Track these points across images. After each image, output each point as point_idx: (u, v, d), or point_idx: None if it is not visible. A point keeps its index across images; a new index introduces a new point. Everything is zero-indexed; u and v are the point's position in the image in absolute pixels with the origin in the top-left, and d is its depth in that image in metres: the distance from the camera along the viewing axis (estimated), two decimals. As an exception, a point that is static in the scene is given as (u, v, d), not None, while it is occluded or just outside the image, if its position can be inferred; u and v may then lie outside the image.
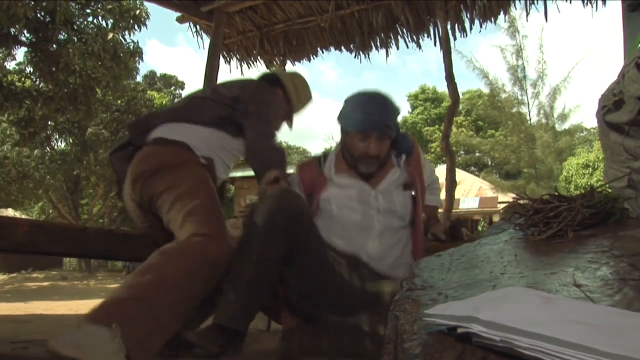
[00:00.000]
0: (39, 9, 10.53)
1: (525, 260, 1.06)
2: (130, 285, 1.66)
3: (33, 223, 2.42)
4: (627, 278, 0.84)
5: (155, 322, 1.58)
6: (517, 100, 15.64)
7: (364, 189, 2.21)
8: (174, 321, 1.66)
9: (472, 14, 4.51)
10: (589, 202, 1.33)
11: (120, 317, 1.50)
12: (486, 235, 1.38)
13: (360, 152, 2.20)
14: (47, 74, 11.43)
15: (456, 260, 1.12)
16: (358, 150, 2.20)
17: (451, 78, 4.48)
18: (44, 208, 27.41)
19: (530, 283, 0.88)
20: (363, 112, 2.18)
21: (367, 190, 2.21)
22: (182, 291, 1.68)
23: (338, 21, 4.90)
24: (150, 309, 1.58)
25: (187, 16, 5.01)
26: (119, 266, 25.43)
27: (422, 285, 0.95)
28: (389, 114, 2.21)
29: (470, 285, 0.90)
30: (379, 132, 2.17)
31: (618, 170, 1.89)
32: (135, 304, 1.58)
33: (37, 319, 4.32)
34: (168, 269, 1.68)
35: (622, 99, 1.83)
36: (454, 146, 22.13)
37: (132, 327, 1.50)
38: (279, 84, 2.58)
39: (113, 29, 11.16)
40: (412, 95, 39.11)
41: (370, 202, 2.18)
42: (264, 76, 2.69)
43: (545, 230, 1.24)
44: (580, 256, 1.03)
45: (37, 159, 19.14)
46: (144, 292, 1.61)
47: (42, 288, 14.64)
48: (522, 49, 15.19)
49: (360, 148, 2.20)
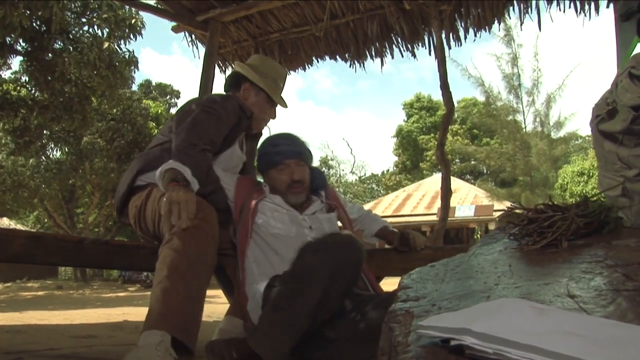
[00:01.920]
0: (34, 18, 10.53)
1: (519, 271, 1.06)
2: (156, 285, 1.82)
3: (30, 235, 2.42)
4: (620, 289, 0.85)
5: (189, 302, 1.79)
6: (513, 108, 15.67)
7: (294, 213, 2.30)
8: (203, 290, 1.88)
9: (467, 23, 4.52)
10: (583, 211, 1.33)
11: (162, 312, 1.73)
12: (480, 245, 1.38)
13: (286, 183, 2.32)
14: (43, 83, 11.44)
15: (450, 270, 1.12)
16: (284, 182, 2.32)
17: (446, 87, 4.50)
18: (39, 217, 27.35)
19: (524, 294, 0.88)
20: (276, 146, 2.36)
21: (296, 214, 2.30)
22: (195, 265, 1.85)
23: (333, 30, 4.91)
24: (179, 292, 1.78)
25: (183, 25, 5.01)
26: (114, 275, 25.37)
27: (416, 296, 0.95)
28: (301, 143, 2.40)
29: (464, 297, 0.90)
30: (296, 158, 2.34)
31: (612, 179, 1.90)
32: (169, 294, 1.77)
33: (32, 329, 4.29)
34: (174, 255, 1.84)
35: (615, 108, 1.84)
36: (449, 154, 22.19)
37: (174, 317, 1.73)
38: (244, 79, 2.67)
39: (109, 38, 11.17)
40: (408, 104, 39.24)
41: (300, 222, 2.27)
42: (227, 82, 2.78)
43: (539, 240, 1.24)
44: (575, 266, 1.03)
45: (32, 168, 19.10)
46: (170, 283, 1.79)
47: (37, 297, 14.59)
48: (518, 57, 15.24)
49: (284, 179, 2.32)
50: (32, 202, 20.93)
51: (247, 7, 4.69)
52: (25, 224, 28.86)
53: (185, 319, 1.77)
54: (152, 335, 1.68)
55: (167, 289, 1.78)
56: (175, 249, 1.85)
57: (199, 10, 4.87)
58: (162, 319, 1.72)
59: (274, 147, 2.36)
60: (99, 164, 18.91)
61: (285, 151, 2.34)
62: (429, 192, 22.86)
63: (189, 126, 2.35)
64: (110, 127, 18.46)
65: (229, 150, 2.52)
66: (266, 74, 2.70)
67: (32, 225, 28.71)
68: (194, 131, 2.33)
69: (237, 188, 2.36)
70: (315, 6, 4.72)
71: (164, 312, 1.74)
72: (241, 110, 2.56)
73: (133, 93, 20.19)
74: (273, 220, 2.25)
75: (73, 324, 5.22)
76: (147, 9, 5.00)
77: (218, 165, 2.44)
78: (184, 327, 1.75)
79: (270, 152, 2.36)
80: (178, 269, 1.82)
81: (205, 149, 2.31)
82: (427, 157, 34.56)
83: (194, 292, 1.83)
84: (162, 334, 1.68)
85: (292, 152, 2.35)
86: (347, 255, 1.78)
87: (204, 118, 2.39)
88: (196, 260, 1.87)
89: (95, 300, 12.26)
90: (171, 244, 1.87)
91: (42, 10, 9.43)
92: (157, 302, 1.76)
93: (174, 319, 1.73)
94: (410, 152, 37.37)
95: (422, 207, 21.62)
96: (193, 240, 1.89)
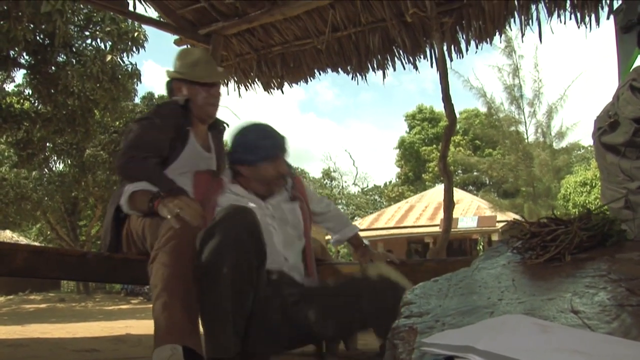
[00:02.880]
0: (38, 32, 10.62)
1: (522, 286, 1.05)
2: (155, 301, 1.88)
3: (33, 249, 2.42)
4: (624, 304, 0.84)
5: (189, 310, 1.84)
6: (514, 119, 15.69)
7: (256, 200, 2.29)
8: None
9: (468, 35, 4.54)
10: (586, 224, 1.33)
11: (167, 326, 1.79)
12: (483, 259, 1.37)
13: (274, 177, 2.32)
14: (46, 95, 11.50)
15: (454, 285, 1.11)
16: (272, 176, 2.31)
17: (448, 99, 4.50)
18: (42, 230, 27.33)
19: (527, 309, 0.88)
20: (265, 140, 2.31)
21: (258, 201, 2.29)
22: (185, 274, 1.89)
23: (335, 43, 4.93)
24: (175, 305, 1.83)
25: (185, 39, 5.03)
26: (117, 288, 25.30)
27: (419, 312, 0.95)
28: (282, 137, 2.37)
29: (467, 312, 0.89)
30: (284, 154, 2.34)
31: (615, 191, 1.90)
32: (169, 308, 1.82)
33: (34, 343, 4.28)
34: (163, 269, 1.89)
35: (617, 120, 1.85)
36: (452, 165, 22.19)
37: (178, 328, 1.79)
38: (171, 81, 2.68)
39: (111, 51, 11.23)
40: (410, 115, 39.30)
41: (263, 210, 2.25)
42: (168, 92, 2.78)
43: (542, 253, 1.24)
44: (578, 280, 1.03)
45: (35, 181, 19.13)
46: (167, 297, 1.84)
47: (39, 310, 14.55)
48: (519, 68, 15.29)
49: (273, 173, 2.30)
50: (35, 215, 20.93)
51: (250, 21, 4.72)
52: (28, 237, 28.87)
53: (190, 327, 1.83)
54: (163, 350, 1.75)
55: (165, 303, 1.83)
56: (164, 263, 1.90)
57: (202, 23, 4.91)
58: (168, 333, 1.78)
59: (267, 140, 2.31)
60: (102, 177, 18.91)
61: (278, 146, 2.32)
62: (431, 203, 22.82)
63: (126, 144, 2.42)
64: (113, 139, 18.48)
65: (186, 149, 2.51)
66: (183, 64, 2.67)
67: (34, 238, 28.71)
68: (131, 145, 2.38)
69: (195, 186, 2.33)
70: (317, 19, 4.75)
71: (168, 326, 1.79)
72: (179, 107, 2.57)
73: (136, 105, 20.20)
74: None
75: (75, 338, 5.20)
76: (150, 23, 5.03)
77: (181, 167, 2.44)
78: (189, 335, 1.81)
79: (266, 145, 2.31)
80: (170, 281, 1.86)
81: (146, 156, 2.33)
82: (430, 169, 34.55)
83: (192, 300, 1.86)
84: (171, 347, 1.75)
85: (283, 147, 2.34)
86: (240, 231, 1.82)
87: (139, 131, 2.43)
88: (186, 269, 1.89)
89: (98, 313, 12.23)
90: (159, 259, 1.92)
91: (45, 23, 9.51)
92: (160, 318, 1.82)
93: (179, 330, 1.79)
94: (412, 163, 37.37)
95: (425, 219, 21.57)
96: (177, 250, 1.93)
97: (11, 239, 25.33)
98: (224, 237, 1.79)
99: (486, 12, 4.31)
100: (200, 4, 4.68)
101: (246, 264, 1.82)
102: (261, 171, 2.30)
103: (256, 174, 2.32)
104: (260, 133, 2.35)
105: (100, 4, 4.63)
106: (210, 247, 1.80)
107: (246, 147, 2.32)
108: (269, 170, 2.30)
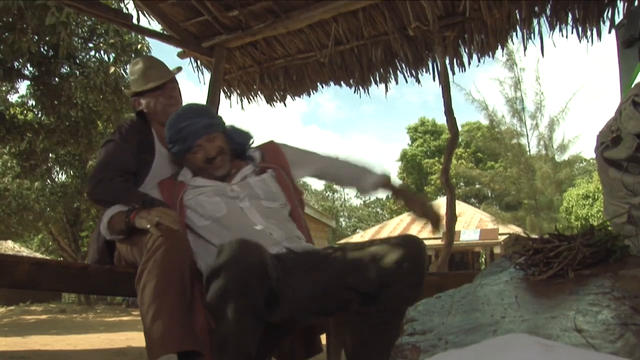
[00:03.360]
0: (42, 44, 10.67)
1: (526, 303, 1.05)
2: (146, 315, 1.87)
3: (34, 261, 2.42)
4: (629, 323, 0.84)
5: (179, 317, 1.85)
6: (516, 132, 15.73)
7: (219, 186, 2.24)
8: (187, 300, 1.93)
9: (470, 49, 4.55)
10: (589, 240, 1.32)
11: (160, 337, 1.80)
12: (486, 274, 1.37)
13: (204, 161, 2.25)
14: (49, 107, 11.53)
15: (457, 302, 1.11)
16: (201, 162, 2.25)
17: (450, 113, 4.51)
18: (44, 240, 27.34)
19: (531, 327, 0.87)
20: (181, 131, 2.23)
21: (221, 186, 2.24)
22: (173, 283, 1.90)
23: (337, 56, 4.95)
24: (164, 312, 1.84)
25: (188, 52, 5.06)
26: (118, 299, 25.22)
27: (422, 329, 0.95)
28: (201, 114, 2.26)
29: (471, 330, 0.89)
30: (205, 135, 2.22)
31: (618, 207, 1.89)
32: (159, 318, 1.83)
33: (35, 355, 4.27)
34: (150, 282, 1.90)
35: (619, 135, 1.85)
36: (454, 178, 22.19)
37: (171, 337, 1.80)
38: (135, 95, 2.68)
39: (115, 63, 11.26)
40: (412, 128, 39.34)
41: (227, 194, 2.20)
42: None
43: (545, 270, 1.24)
44: (581, 298, 1.02)
45: (37, 191, 19.14)
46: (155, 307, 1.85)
47: (40, 321, 14.49)
48: (520, 81, 15.34)
49: (201, 158, 2.24)
50: (37, 225, 20.94)
51: (253, 34, 4.74)
52: (30, 247, 28.86)
53: (182, 332, 1.83)
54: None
55: (155, 315, 1.84)
56: (150, 276, 1.91)
57: (205, 36, 4.93)
58: (161, 345, 1.79)
59: (179, 133, 2.23)
60: (104, 188, 18.90)
61: (193, 131, 2.21)
62: (433, 215, 22.72)
63: (92, 170, 2.49)
64: (116, 151, 18.50)
65: (155, 161, 2.52)
66: (132, 79, 2.72)
67: (36, 249, 28.71)
68: (96, 170, 2.44)
69: (162, 194, 2.30)
70: (320, 32, 4.77)
71: (160, 337, 1.80)
72: (138, 121, 2.62)
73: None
74: (197, 212, 2.19)
75: (76, 350, 5.19)
76: (154, 36, 5.06)
77: (156, 179, 2.42)
78: (182, 340, 1.82)
79: (177, 139, 2.24)
80: (159, 294, 1.87)
81: (112, 177, 2.35)
82: (432, 181, 34.52)
83: (182, 303, 1.90)
84: (167, 357, 1.76)
85: (198, 130, 2.21)
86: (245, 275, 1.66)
87: (102, 154, 2.48)
88: (175, 274, 1.92)
89: (99, 325, 12.19)
90: (146, 273, 1.93)
91: (50, 35, 9.56)
92: (151, 330, 1.83)
93: (171, 338, 1.80)
94: (414, 175, 37.36)
95: (427, 231, 21.46)
96: (164, 259, 1.93)
97: (13, 250, 25.34)
98: (228, 282, 1.66)
99: (488, 26, 4.34)
100: (204, 17, 4.71)
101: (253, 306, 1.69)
102: (192, 161, 2.28)
103: (191, 164, 2.30)
104: (173, 124, 2.27)
105: (105, 16, 4.66)
106: (216, 289, 1.67)
107: (170, 142, 2.30)
108: (196, 159, 2.26)
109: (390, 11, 4.44)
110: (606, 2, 3.98)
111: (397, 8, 4.40)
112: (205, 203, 2.19)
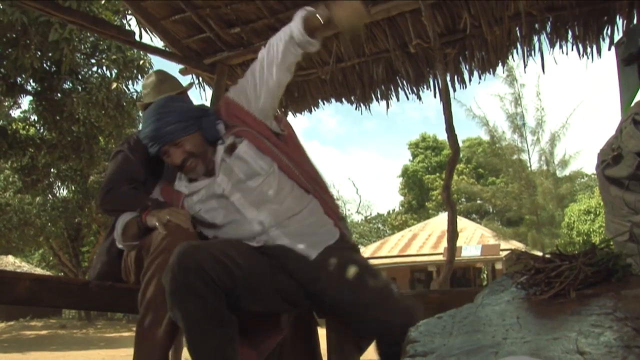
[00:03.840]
0: (45, 60, 10.75)
1: (527, 324, 1.04)
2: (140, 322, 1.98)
3: (35, 278, 2.41)
4: (631, 345, 0.84)
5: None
6: (517, 148, 15.71)
7: (209, 184, 2.14)
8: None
9: (471, 66, 4.57)
10: (590, 259, 1.32)
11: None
12: (487, 294, 1.36)
13: (174, 168, 2.19)
14: (51, 122, 11.60)
15: (458, 322, 1.10)
16: (175, 167, 2.17)
17: (451, 129, 4.50)
18: (45, 255, 27.29)
19: (532, 349, 0.87)
20: (144, 135, 2.15)
21: (210, 183, 2.13)
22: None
23: (339, 73, 4.96)
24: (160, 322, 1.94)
25: (190, 68, 5.07)
26: (119, 315, 25.15)
27: (424, 351, 0.94)
28: (160, 122, 2.10)
29: (472, 352, 0.89)
30: (168, 143, 2.11)
31: (620, 225, 1.89)
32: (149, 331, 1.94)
33: (34, 373, 4.24)
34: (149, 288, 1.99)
35: (620, 154, 1.85)
36: (455, 193, 22.17)
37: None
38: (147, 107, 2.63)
39: (117, 78, 11.34)
40: (413, 144, 39.38)
41: (216, 192, 2.10)
42: None
43: (547, 289, 1.23)
44: (583, 319, 1.02)
45: (38, 206, 19.18)
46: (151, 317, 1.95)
47: (40, 337, 14.44)
48: (521, 97, 15.36)
49: (171, 163, 2.15)
50: (38, 240, 20.95)
51: (254, 51, 4.73)
52: (31, 262, 28.81)
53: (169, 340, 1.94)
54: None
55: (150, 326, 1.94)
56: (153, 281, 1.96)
57: (207, 53, 4.95)
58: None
59: (145, 138, 2.15)
60: (105, 203, 18.90)
61: (156, 137, 2.10)
62: (435, 231, 22.72)
63: (103, 181, 2.53)
64: (117, 166, 18.52)
65: (164, 172, 2.49)
66: (143, 93, 2.81)
67: (37, 263, 28.65)
68: (106, 181, 2.48)
69: (166, 201, 2.26)
70: (322, 50, 4.78)
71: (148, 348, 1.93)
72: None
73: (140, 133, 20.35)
74: (199, 224, 2.18)
75: (75, 367, 5.15)
76: (156, 52, 5.07)
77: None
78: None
79: (147, 143, 2.15)
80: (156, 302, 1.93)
81: (121, 186, 2.39)
82: (433, 197, 34.51)
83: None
84: None
85: (157, 138, 2.10)
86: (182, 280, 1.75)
87: (111, 166, 2.53)
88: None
89: (99, 341, 12.14)
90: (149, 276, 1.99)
91: (53, 51, 9.63)
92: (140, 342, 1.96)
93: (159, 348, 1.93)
94: (416, 191, 37.34)
95: (429, 247, 21.46)
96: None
97: (13, 264, 25.30)
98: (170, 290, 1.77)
99: (489, 43, 4.36)
100: (206, 34, 4.73)
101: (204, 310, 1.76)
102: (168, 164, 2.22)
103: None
104: (142, 126, 2.20)
105: (107, 33, 4.68)
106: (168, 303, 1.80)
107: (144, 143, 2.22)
108: (168, 163, 2.19)
109: (392, 28, 4.46)
110: (605, 20, 4.00)
111: (398, 25, 4.42)
112: (203, 214, 2.15)
